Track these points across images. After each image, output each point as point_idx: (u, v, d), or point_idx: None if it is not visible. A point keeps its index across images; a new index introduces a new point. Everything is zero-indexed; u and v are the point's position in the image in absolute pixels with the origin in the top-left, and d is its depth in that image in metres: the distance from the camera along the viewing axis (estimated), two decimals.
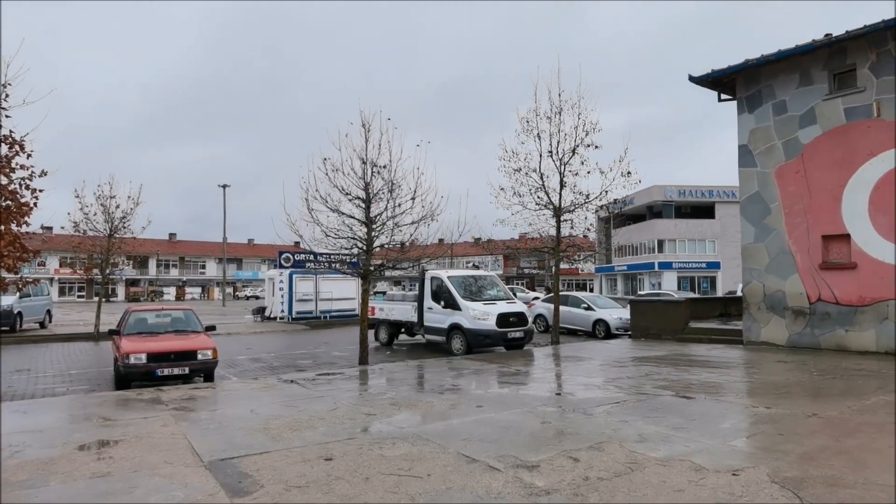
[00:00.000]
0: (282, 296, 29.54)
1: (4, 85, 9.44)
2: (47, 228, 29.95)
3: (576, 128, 16.01)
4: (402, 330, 18.37)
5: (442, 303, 15.91)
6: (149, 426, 7.05)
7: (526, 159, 16.50)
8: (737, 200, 15.72)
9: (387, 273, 15.53)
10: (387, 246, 13.91)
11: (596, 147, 16.19)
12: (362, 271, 13.65)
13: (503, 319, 15.12)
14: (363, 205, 12.97)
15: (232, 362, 14.90)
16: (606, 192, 16.44)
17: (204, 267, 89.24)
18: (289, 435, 6.52)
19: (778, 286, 14.35)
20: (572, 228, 17.39)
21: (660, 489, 4.64)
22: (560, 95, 16.02)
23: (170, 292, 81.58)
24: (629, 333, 18.78)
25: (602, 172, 16.27)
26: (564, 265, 18.88)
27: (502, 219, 17.34)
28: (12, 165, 9.70)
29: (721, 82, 15.55)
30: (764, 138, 14.73)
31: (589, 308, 21.42)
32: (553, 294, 18.47)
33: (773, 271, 14.46)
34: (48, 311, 25.54)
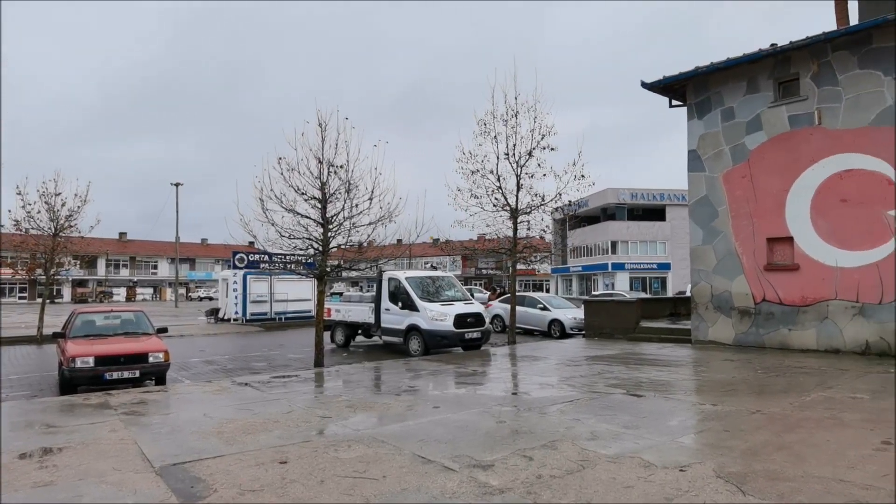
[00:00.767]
0: (236, 297, 29.02)
1: None
2: None
3: (532, 131, 16.26)
4: (359, 331, 18.28)
5: (399, 304, 15.90)
6: (96, 432, 6.86)
7: (483, 161, 16.67)
8: (686, 203, 16.19)
9: (344, 274, 15.43)
10: (344, 246, 13.83)
11: (552, 150, 16.47)
12: (318, 272, 13.53)
13: (460, 320, 15.21)
14: (319, 205, 12.86)
15: (185, 365, 14.57)
16: (561, 195, 16.75)
17: (156, 267, 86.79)
18: (243, 438, 6.44)
19: (725, 287, 14.85)
20: (529, 230, 17.65)
21: (610, 486, 4.77)
22: (516, 99, 16.25)
23: (120, 293, 79.03)
24: (583, 333, 19.13)
25: (557, 175, 16.57)
26: (521, 266, 19.12)
27: (460, 220, 17.49)
28: None
29: (672, 88, 16.00)
30: (712, 144, 15.23)
31: (545, 308, 21.73)
32: (510, 294, 18.66)
33: (721, 272, 14.97)
34: None
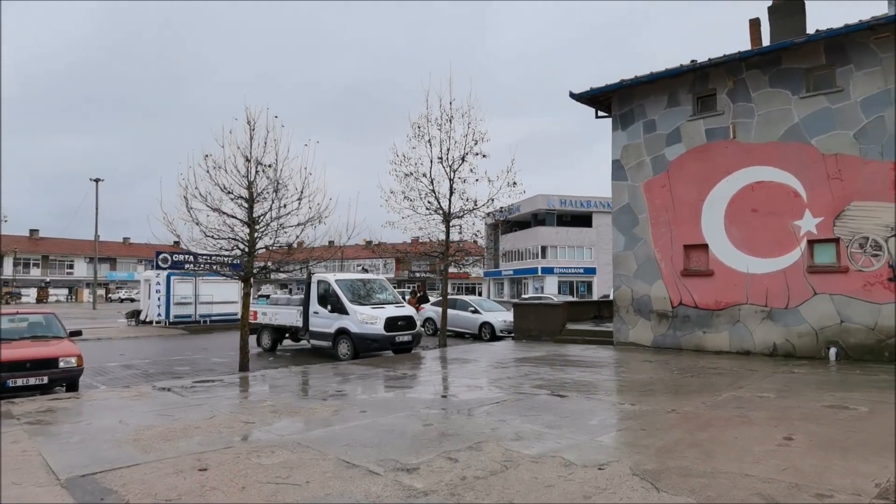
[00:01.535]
0: (158, 298, 27.83)
1: None
2: None
3: (465, 136, 16.42)
4: (287, 335, 17.93)
5: (329, 307, 15.69)
6: None
7: (417, 164, 16.70)
8: (611, 211, 16.78)
9: (273, 276, 15.10)
10: (272, 248, 13.54)
11: (484, 156, 16.69)
12: (244, 274, 13.19)
13: (391, 323, 15.17)
14: (246, 204, 12.56)
15: (101, 370, 13.86)
16: (493, 200, 16.99)
17: (72, 267, 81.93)
18: (161, 445, 6.20)
19: (645, 291, 15.48)
20: (461, 233, 17.81)
21: (531, 485, 4.88)
22: (451, 104, 16.37)
23: (30, 294, 74.13)
24: (513, 335, 19.47)
25: (490, 181, 16.79)
26: (454, 269, 19.27)
27: (392, 221, 17.42)
28: None
29: (599, 100, 16.55)
30: (635, 154, 15.86)
31: (476, 311, 21.96)
32: (442, 297, 18.76)
33: (641, 277, 15.60)
34: None
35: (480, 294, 68.05)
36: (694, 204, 14.69)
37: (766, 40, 15.24)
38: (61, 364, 10.02)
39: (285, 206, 12.80)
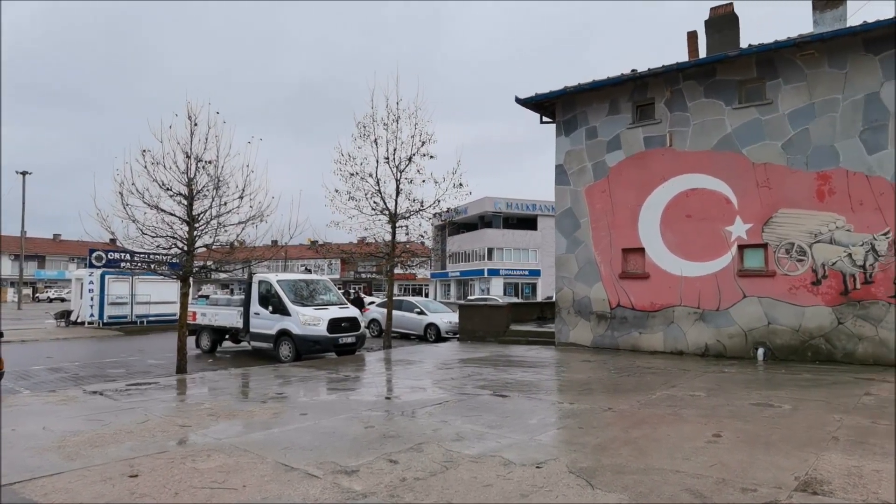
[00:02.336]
0: (91, 298, 26.66)
1: None
2: None
3: (412, 137, 16.44)
4: (227, 336, 17.50)
5: (270, 308, 15.41)
6: None
7: (362, 164, 16.61)
8: (554, 214, 17.11)
9: (213, 275, 14.73)
10: (213, 246, 13.21)
11: (431, 157, 16.74)
12: (182, 273, 12.81)
13: (334, 325, 15.02)
14: (185, 202, 12.22)
15: (25, 373, 13.17)
16: (440, 202, 17.06)
17: None
18: (88, 452, 5.95)
19: (585, 293, 15.86)
20: (408, 234, 17.81)
21: (470, 485, 4.94)
22: (398, 104, 16.36)
23: None
24: (458, 336, 19.59)
25: (436, 182, 16.86)
26: (400, 270, 19.24)
27: (337, 221, 17.26)
28: None
29: (544, 106, 16.86)
30: (577, 160, 16.23)
31: (422, 313, 21.99)
32: (387, 299, 18.70)
33: (582, 279, 15.97)
34: None
35: (427, 295, 68.15)
36: (632, 209, 15.15)
37: (703, 53, 15.88)
38: None
39: (226, 204, 12.54)
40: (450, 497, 4.66)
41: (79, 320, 27.45)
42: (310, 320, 14.84)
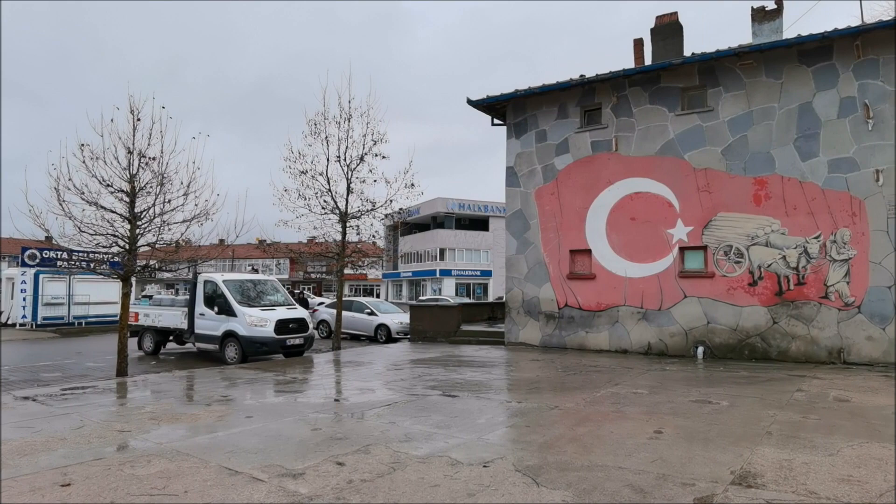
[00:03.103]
0: (24, 298, 25.45)
1: None
2: None
3: (364, 136, 16.35)
4: (171, 338, 17.00)
5: (216, 308, 15.05)
6: None
7: (313, 162, 16.41)
8: (505, 216, 17.30)
9: (157, 275, 14.28)
10: (157, 245, 12.82)
11: (384, 157, 16.69)
12: (124, 272, 12.38)
13: (282, 326, 14.79)
14: (127, 199, 11.83)
15: None
16: (392, 201, 17.01)
17: None
18: (16, 461, 5.68)
19: (534, 293, 16.10)
20: (359, 234, 17.68)
21: (418, 486, 4.94)
22: (350, 102, 16.25)
23: None
24: (409, 337, 19.56)
25: (388, 182, 16.80)
26: (350, 270, 19.07)
27: (286, 220, 17.01)
28: None
29: (495, 108, 17.03)
30: (527, 162, 16.45)
31: (372, 313, 21.87)
32: (338, 299, 18.52)
33: (531, 280, 16.20)
34: None
35: (378, 296, 67.81)
36: (579, 211, 15.46)
37: (649, 60, 16.33)
38: None
39: (170, 202, 12.20)
40: (397, 498, 4.66)
41: (9, 322, 26.21)
42: (257, 321, 14.57)
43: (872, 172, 12.05)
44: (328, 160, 16.31)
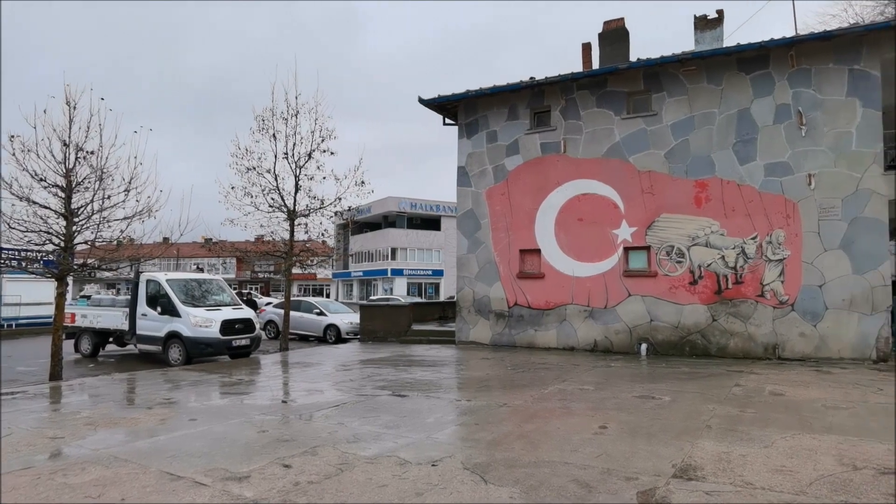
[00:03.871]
0: None
1: None
2: None
3: (312, 132, 16.13)
4: (111, 339, 16.39)
5: (159, 308, 14.59)
6: None
7: (260, 159, 16.11)
8: (457, 215, 17.35)
9: (97, 274, 13.71)
10: (95, 243, 12.30)
11: (332, 153, 16.51)
12: (58, 271, 11.85)
13: (228, 326, 14.45)
14: (63, 194, 11.32)
15: None
16: (341, 199, 16.83)
17: None
18: None
19: (485, 292, 16.22)
20: (307, 233, 17.41)
21: (365, 486, 4.91)
22: (297, 98, 16.00)
23: None
24: (359, 337, 19.40)
25: (338, 179, 16.63)
26: (298, 269, 18.77)
27: (232, 218, 16.62)
28: None
29: (447, 108, 17.07)
30: (478, 162, 16.56)
31: (321, 313, 21.59)
32: (285, 299, 18.21)
33: (482, 279, 16.32)
34: None
35: (329, 296, 67.02)
36: (529, 212, 15.66)
37: (596, 64, 16.67)
38: None
39: (110, 198, 11.73)
40: (344, 499, 4.62)
41: None
42: (201, 322, 14.19)
43: (805, 176, 12.63)
44: (276, 157, 16.05)
